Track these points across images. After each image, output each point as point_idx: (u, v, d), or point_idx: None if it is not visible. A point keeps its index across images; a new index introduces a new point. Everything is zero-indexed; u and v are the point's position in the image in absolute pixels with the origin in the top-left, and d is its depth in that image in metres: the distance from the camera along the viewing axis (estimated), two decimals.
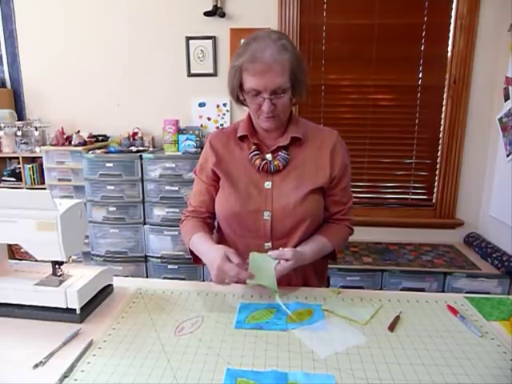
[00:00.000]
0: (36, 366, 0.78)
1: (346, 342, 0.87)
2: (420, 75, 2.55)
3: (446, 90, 2.53)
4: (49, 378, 0.75)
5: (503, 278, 2.19)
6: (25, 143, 2.69)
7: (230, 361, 0.80)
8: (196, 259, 1.20)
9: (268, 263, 1.02)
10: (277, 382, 0.74)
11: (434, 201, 2.69)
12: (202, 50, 2.61)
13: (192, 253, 1.19)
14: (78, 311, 0.94)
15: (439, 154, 2.62)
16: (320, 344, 0.86)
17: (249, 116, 1.20)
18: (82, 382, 0.74)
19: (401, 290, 2.23)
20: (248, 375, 0.76)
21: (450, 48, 2.49)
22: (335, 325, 0.94)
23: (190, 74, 2.66)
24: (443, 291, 2.21)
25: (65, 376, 0.75)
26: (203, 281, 2.36)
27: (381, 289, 2.26)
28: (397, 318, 0.96)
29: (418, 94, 2.57)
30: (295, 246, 1.11)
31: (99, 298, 1.03)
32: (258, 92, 1.06)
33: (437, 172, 2.64)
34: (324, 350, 0.84)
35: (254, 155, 1.15)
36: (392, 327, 0.93)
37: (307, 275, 1.20)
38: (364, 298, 1.07)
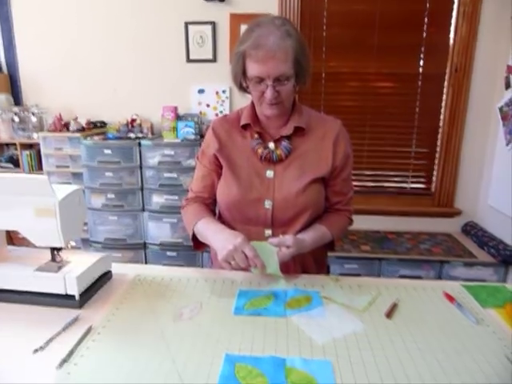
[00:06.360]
0: (36, 351, 0.79)
1: (343, 329, 0.88)
2: (421, 63, 2.52)
3: (447, 78, 2.51)
4: (48, 362, 0.76)
5: (499, 267, 2.21)
6: (22, 129, 2.67)
7: (228, 346, 0.81)
8: (197, 245, 1.20)
9: (269, 251, 1.02)
10: (275, 367, 0.75)
11: (432, 189, 2.69)
12: (201, 36, 2.58)
13: (194, 238, 1.18)
14: (77, 297, 0.95)
15: (439, 142, 2.61)
16: (318, 330, 0.87)
17: (252, 104, 1.18)
18: (82, 367, 0.75)
19: (398, 277, 2.25)
20: (246, 360, 0.76)
21: (452, 35, 2.45)
22: (333, 311, 0.95)
23: (189, 60, 2.62)
24: (440, 279, 2.23)
25: (64, 361, 0.76)
26: (202, 267, 2.37)
27: (378, 276, 2.28)
28: (394, 305, 0.97)
29: (419, 82, 2.55)
30: (295, 235, 1.11)
31: (98, 284, 1.03)
32: (261, 79, 1.05)
33: (436, 161, 2.64)
34: (322, 337, 0.85)
35: (257, 144, 1.15)
36: (389, 314, 0.93)
37: (306, 264, 1.20)
38: (362, 285, 1.07)
